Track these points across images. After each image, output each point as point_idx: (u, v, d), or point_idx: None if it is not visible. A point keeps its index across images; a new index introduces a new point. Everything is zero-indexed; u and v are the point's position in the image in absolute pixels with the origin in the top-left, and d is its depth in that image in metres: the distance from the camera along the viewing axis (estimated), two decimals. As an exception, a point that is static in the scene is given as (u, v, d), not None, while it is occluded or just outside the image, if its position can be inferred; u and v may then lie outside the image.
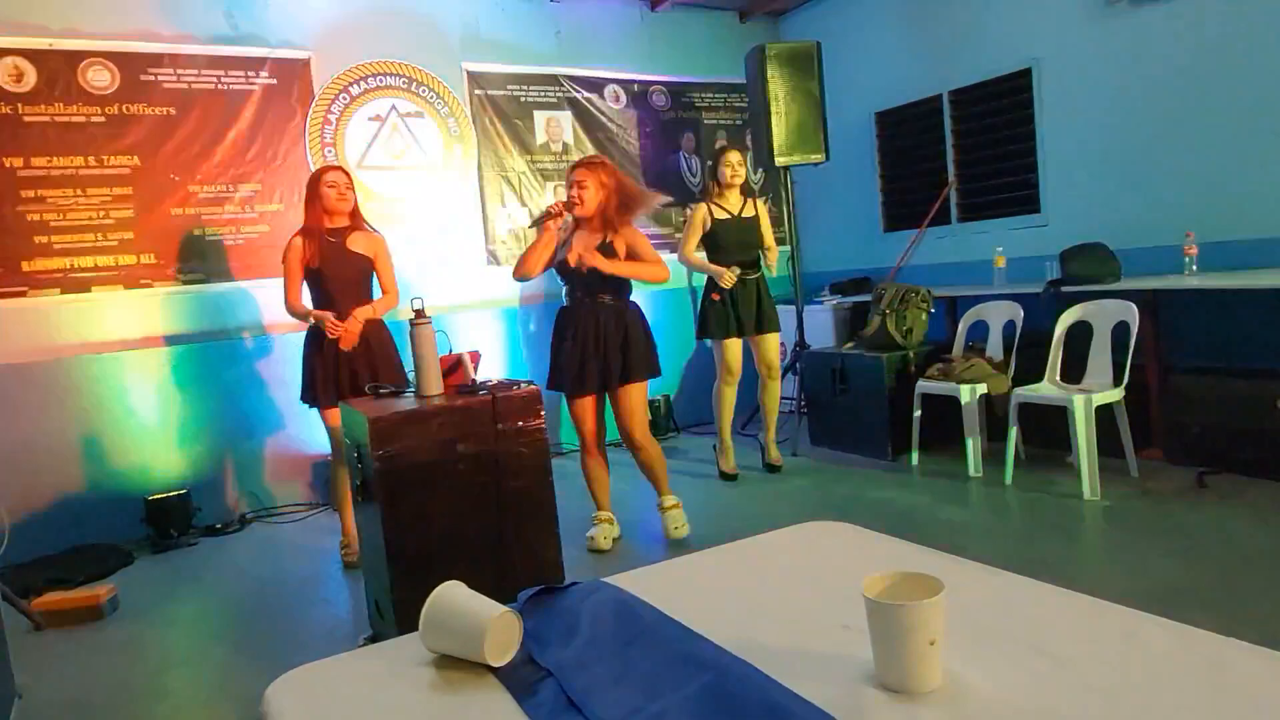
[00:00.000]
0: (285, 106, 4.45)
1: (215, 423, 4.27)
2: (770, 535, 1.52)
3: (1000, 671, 0.96)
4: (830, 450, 4.63)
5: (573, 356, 3.25)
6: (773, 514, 3.60)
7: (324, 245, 3.36)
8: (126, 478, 4.04)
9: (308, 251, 3.36)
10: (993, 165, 5.00)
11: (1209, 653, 0.97)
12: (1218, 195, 3.89)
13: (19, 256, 3.85)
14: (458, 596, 1.16)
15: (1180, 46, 3.96)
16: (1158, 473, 3.63)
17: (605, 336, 3.25)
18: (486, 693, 1.04)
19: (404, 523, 2.24)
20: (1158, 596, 2.45)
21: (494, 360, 5.00)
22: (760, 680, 0.97)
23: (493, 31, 5.10)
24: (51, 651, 2.81)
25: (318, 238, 3.36)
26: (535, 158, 5.26)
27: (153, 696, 2.46)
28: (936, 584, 0.96)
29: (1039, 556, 2.86)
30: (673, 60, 5.76)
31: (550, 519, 2.48)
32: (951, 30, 5.05)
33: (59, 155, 3.92)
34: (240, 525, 4.18)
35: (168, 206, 4.16)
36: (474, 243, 5.06)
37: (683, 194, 5.79)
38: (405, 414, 2.26)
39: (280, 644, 2.73)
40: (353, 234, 3.44)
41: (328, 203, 3.36)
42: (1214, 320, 3.88)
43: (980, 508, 3.55)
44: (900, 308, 4.35)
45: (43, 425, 3.88)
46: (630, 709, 0.96)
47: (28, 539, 3.65)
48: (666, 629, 1.13)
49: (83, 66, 3.96)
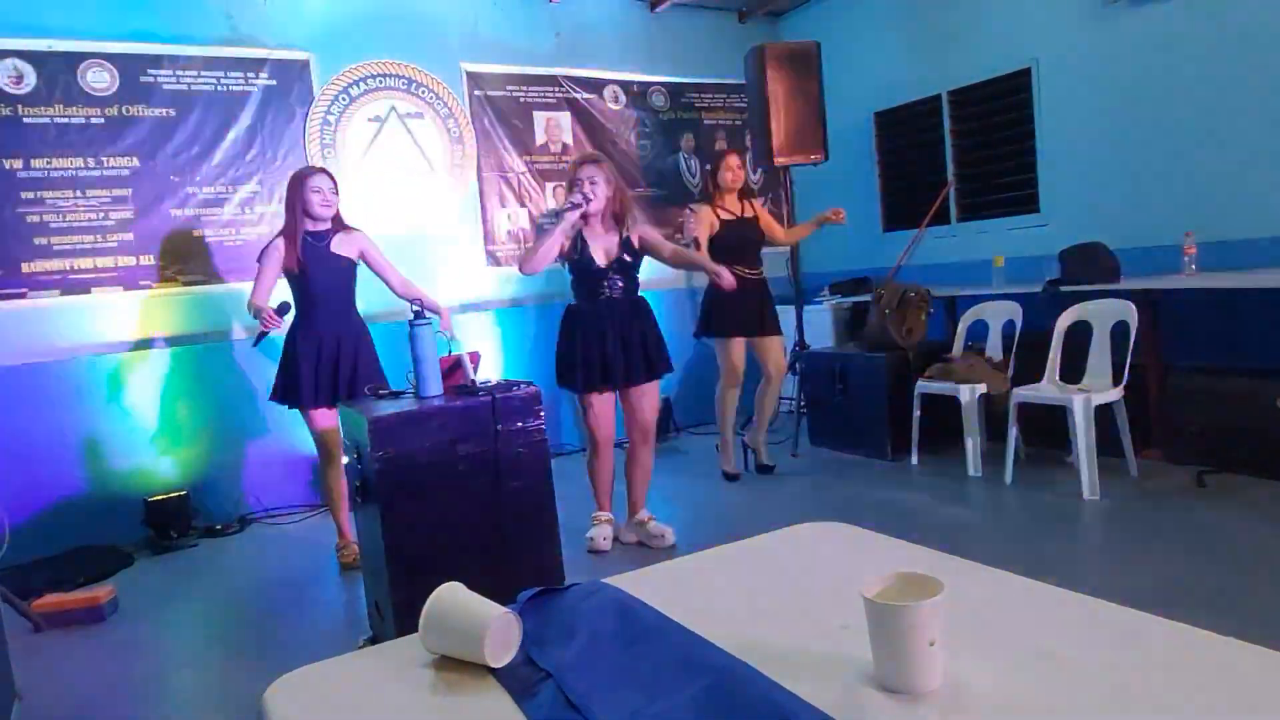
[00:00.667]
0: (285, 108, 4.45)
1: (214, 424, 4.27)
2: (770, 536, 1.52)
3: (1001, 672, 0.96)
4: (830, 450, 4.63)
5: (592, 353, 3.23)
6: (772, 515, 3.60)
7: (306, 249, 3.30)
8: (126, 479, 4.04)
9: (289, 256, 3.29)
10: (992, 165, 5.00)
11: (1210, 652, 0.97)
12: (1217, 194, 3.89)
13: (19, 258, 3.85)
14: (458, 598, 1.16)
15: (1179, 45, 3.96)
16: (1157, 472, 3.63)
17: (627, 332, 3.25)
18: (486, 694, 1.04)
19: (403, 524, 2.23)
20: (1158, 596, 2.45)
21: (493, 361, 5.00)
22: (760, 681, 0.97)
23: (492, 32, 5.10)
24: (51, 653, 2.81)
25: (298, 241, 3.29)
26: (535, 158, 5.26)
27: (153, 698, 2.46)
28: (936, 584, 0.96)
29: (1039, 556, 2.86)
30: (672, 61, 5.76)
31: (550, 520, 2.47)
32: (950, 30, 5.06)
33: (59, 157, 3.92)
34: (239, 527, 4.18)
35: (167, 208, 4.17)
36: (473, 244, 5.06)
37: (682, 194, 5.79)
38: (405, 415, 2.25)
39: (279, 645, 2.74)
40: (335, 236, 3.39)
41: (312, 208, 3.31)
42: (1214, 320, 3.89)
43: (980, 508, 3.55)
44: (900, 308, 4.35)
45: (42, 427, 3.88)
46: (630, 710, 0.96)
47: (28, 540, 3.65)
48: (667, 630, 1.13)
49: (82, 68, 3.97)
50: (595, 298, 3.26)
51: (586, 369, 3.25)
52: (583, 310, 3.30)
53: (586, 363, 3.25)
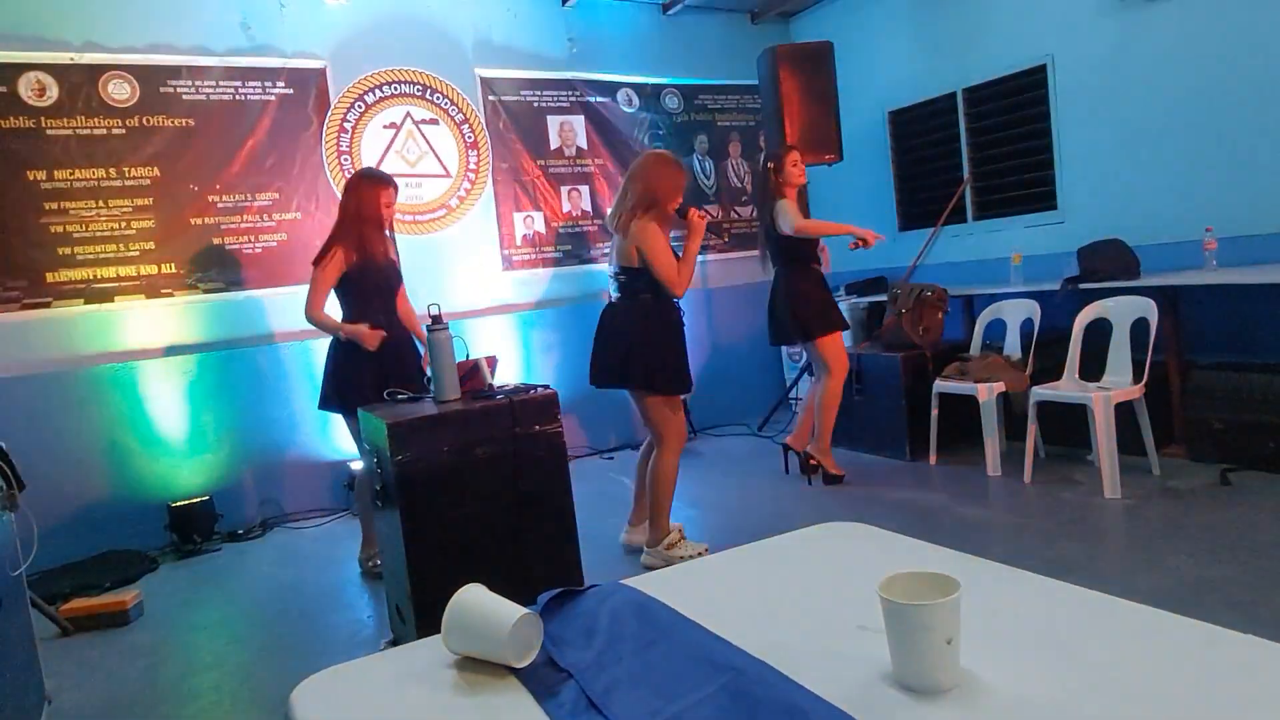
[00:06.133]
0: (301, 116, 4.50)
1: (236, 430, 4.32)
2: (788, 536, 1.52)
3: (1020, 671, 0.96)
4: (848, 451, 4.61)
5: (683, 355, 3.19)
6: (790, 515, 3.60)
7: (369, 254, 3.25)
8: (150, 485, 4.10)
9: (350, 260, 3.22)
10: (1008, 162, 4.97)
11: (1235, 652, 0.96)
12: (1237, 189, 3.85)
13: (43, 268, 3.92)
14: (480, 599, 1.17)
15: (1195, 39, 3.92)
16: (1180, 470, 3.59)
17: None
18: (508, 694, 1.05)
19: (423, 527, 2.25)
20: (1182, 596, 2.43)
21: (511, 365, 5.02)
22: (779, 680, 0.98)
23: (505, 37, 5.13)
24: (79, 656, 2.85)
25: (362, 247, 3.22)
26: (549, 162, 5.28)
27: (180, 699, 2.50)
28: (953, 583, 0.96)
29: (1059, 556, 2.84)
30: (685, 63, 5.77)
31: (569, 522, 2.49)
32: (964, 27, 5.03)
33: (81, 168, 3.99)
34: (262, 531, 4.22)
35: (188, 216, 4.22)
36: (490, 248, 5.09)
37: (697, 197, 5.79)
38: (423, 419, 2.28)
39: (303, 648, 2.76)
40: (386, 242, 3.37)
41: (386, 225, 3.29)
42: (1235, 315, 3.84)
43: (999, 507, 3.53)
44: (916, 307, 4.33)
45: (68, 434, 3.94)
46: (650, 710, 0.97)
47: (55, 546, 3.70)
48: (686, 630, 1.14)
49: (103, 80, 4.03)
50: (675, 299, 3.19)
51: (682, 370, 3.17)
52: (676, 310, 3.20)
53: (680, 363, 3.17)
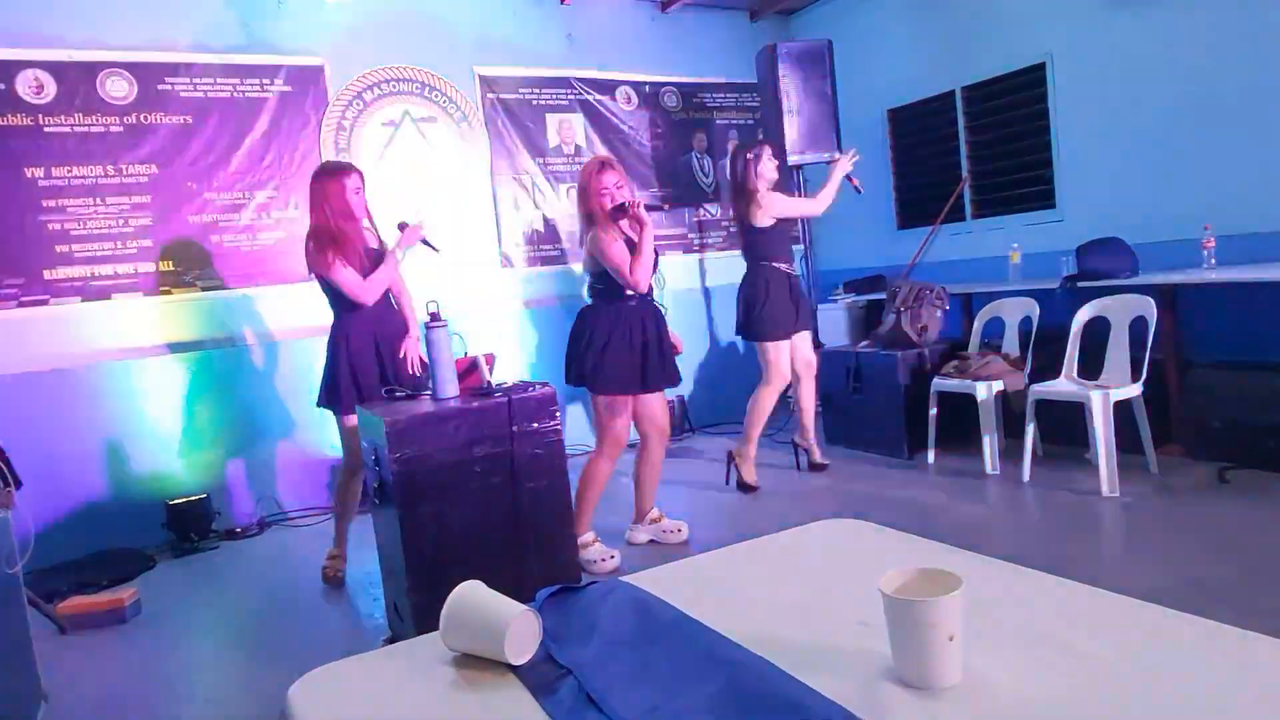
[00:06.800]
0: (300, 113, 4.49)
1: (234, 428, 4.31)
2: (787, 534, 1.52)
3: (1020, 668, 0.96)
4: (846, 449, 4.61)
5: (651, 353, 3.21)
6: (790, 513, 3.59)
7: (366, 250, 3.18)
8: (147, 483, 4.09)
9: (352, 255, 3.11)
10: (1007, 161, 4.97)
11: (1233, 648, 0.96)
12: (1236, 188, 3.85)
13: (40, 265, 3.91)
14: (479, 596, 1.17)
15: (1195, 38, 3.92)
16: (1178, 469, 3.59)
17: (661, 335, 3.26)
18: (507, 691, 1.05)
19: (421, 525, 2.25)
20: (1180, 593, 2.42)
21: (509, 362, 5.02)
22: (779, 677, 0.97)
23: (504, 35, 5.12)
24: (76, 655, 2.85)
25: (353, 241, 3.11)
26: (548, 160, 5.27)
27: (177, 698, 2.49)
28: (954, 580, 0.96)
29: (1058, 553, 2.84)
30: (684, 61, 5.76)
31: (567, 519, 2.49)
32: (964, 25, 5.03)
33: (78, 165, 3.97)
34: (259, 529, 4.22)
35: (185, 214, 4.21)
36: (488, 246, 5.08)
37: (695, 195, 5.79)
38: (422, 416, 2.27)
39: (300, 646, 2.76)
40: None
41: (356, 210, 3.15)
42: (1233, 314, 3.84)
43: (998, 505, 3.53)
44: (915, 305, 4.33)
45: (66, 432, 3.93)
46: (649, 707, 0.97)
47: (52, 544, 3.69)
48: (685, 627, 1.14)
49: (101, 77, 4.02)
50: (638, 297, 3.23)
51: (653, 369, 3.20)
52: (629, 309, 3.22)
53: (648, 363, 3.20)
